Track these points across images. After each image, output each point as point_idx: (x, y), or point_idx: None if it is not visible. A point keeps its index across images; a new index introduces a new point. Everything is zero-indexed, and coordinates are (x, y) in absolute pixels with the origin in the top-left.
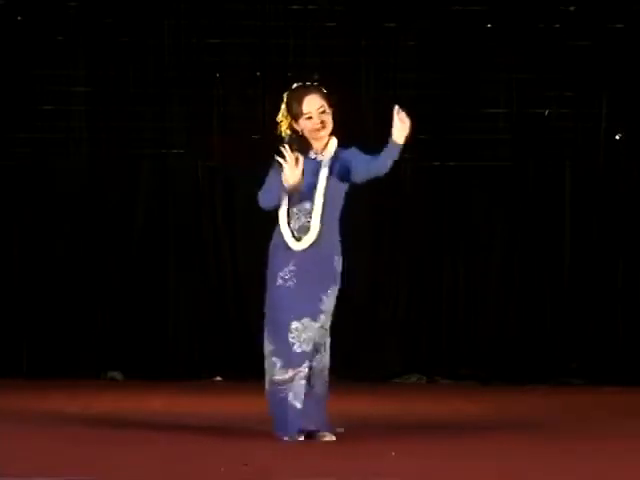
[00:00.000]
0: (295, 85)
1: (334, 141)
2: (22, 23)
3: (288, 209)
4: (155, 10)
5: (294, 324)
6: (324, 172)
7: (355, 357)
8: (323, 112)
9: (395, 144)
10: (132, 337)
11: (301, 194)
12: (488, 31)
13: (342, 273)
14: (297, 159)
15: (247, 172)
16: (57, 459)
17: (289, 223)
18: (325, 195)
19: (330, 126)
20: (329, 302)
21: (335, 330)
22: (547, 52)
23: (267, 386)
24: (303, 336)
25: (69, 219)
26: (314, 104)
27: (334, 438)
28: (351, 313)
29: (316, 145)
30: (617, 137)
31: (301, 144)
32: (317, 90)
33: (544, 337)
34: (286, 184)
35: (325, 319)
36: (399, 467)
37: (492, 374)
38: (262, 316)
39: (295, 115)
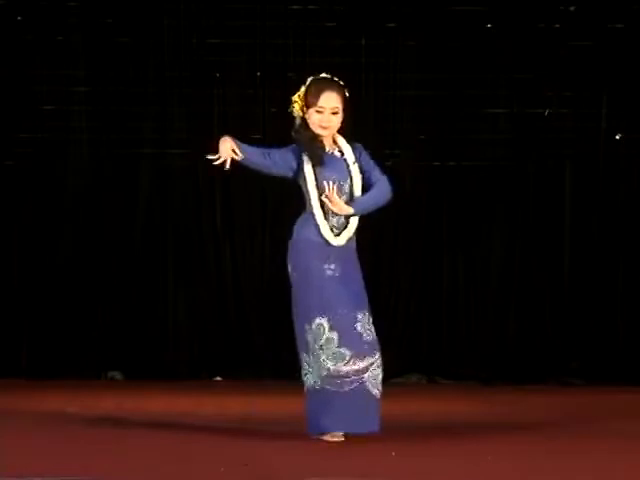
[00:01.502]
0: (323, 75)
1: (341, 138)
2: (22, 23)
3: (322, 205)
4: (155, 10)
5: (359, 314)
6: (356, 171)
7: None
8: (335, 113)
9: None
10: (132, 337)
11: (335, 187)
12: (488, 31)
13: None
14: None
15: (247, 172)
16: (57, 459)
17: (326, 217)
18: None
19: (335, 128)
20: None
21: None
22: (547, 52)
23: (323, 379)
24: (367, 326)
25: (69, 219)
26: (330, 102)
27: (342, 438)
28: None
29: (326, 140)
30: (617, 137)
31: (312, 135)
32: (339, 89)
33: (544, 337)
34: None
35: (369, 314)
36: (399, 467)
37: (492, 374)
38: (262, 316)
39: (308, 103)
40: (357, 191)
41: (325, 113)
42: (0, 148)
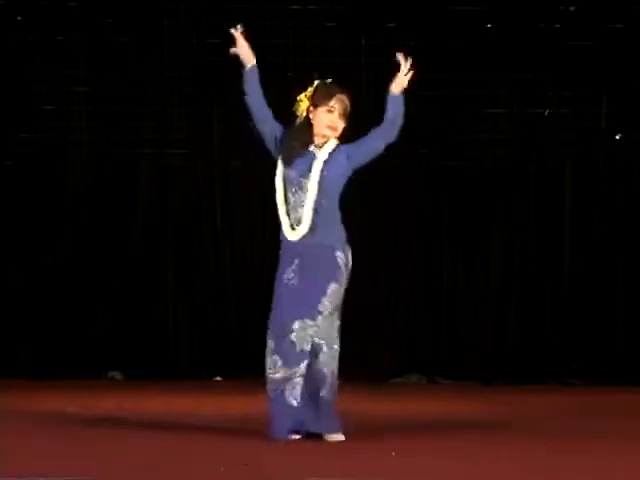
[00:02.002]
0: (330, 80)
1: (335, 141)
2: (22, 23)
3: (286, 199)
4: (155, 10)
5: (296, 324)
6: (317, 165)
7: (355, 357)
8: (342, 115)
9: (395, 97)
10: (132, 337)
11: (297, 185)
12: (488, 31)
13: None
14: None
15: (247, 172)
16: (57, 459)
17: (288, 213)
18: (319, 187)
19: (339, 131)
20: (330, 302)
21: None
22: (547, 52)
23: (268, 385)
24: (301, 334)
25: (69, 219)
26: (342, 104)
27: (342, 437)
28: (351, 313)
29: (317, 140)
30: (617, 137)
31: (306, 135)
32: (349, 96)
33: (544, 337)
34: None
35: (329, 318)
36: (399, 467)
37: (492, 374)
38: (262, 316)
39: (318, 102)
40: (311, 186)
41: (335, 114)
42: (0, 148)
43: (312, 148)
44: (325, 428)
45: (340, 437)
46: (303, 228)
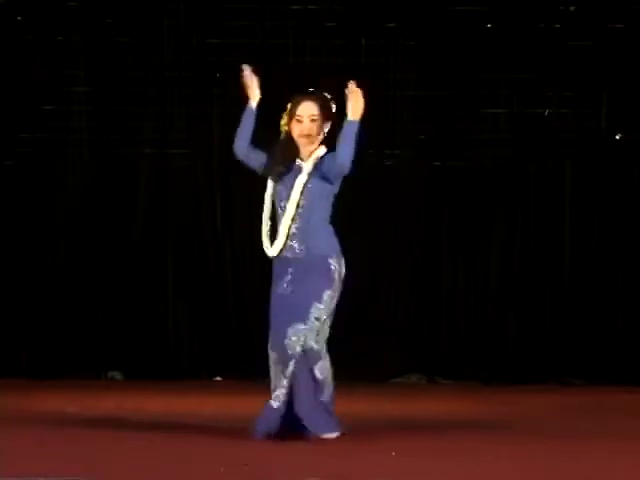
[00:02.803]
0: (310, 89)
1: (321, 149)
2: (22, 23)
3: (274, 215)
4: (155, 10)
5: (289, 330)
6: (301, 178)
7: (355, 357)
8: (313, 120)
9: (350, 122)
10: (132, 337)
11: (285, 199)
12: (488, 31)
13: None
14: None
15: (247, 172)
16: (57, 459)
17: (273, 230)
18: (304, 199)
19: (316, 136)
20: (323, 308)
21: (335, 330)
22: (547, 52)
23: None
24: (293, 338)
25: (69, 219)
26: (308, 110)
27: (333, 435)
28: (351, 313)
29: (304, 151)
30: (617, 137)
31: (289, 148)
32: (316, 98)
33: (544, 337)
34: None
35: (319, 324)
36: (399, 467)
37: (492, 374)
38: (262, 316)
39: (290, 115)
40: (291, 202)
41: (304, 122)
42: (0, 148)
43: (298, 162)
44: (330, 429)
45: (332, 435)
46: (280, 242)
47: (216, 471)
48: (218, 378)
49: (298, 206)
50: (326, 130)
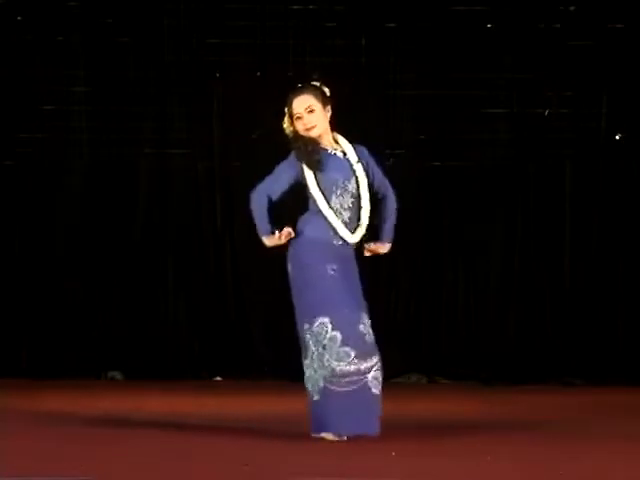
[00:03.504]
0: (299, 85)
1: (342, 138)
2: (22, 23)
3: (330, 204)
4: (155, 10)
5: (362, 315)
6: (360, 170)
7: None
8: (311, 112)
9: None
10: (132, 337)
11: (342, 188)
12: (488, 31)
13: None
14: (287, 235)
15: (247, 171)
16: (57, 459)
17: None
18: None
19: (321, 125)
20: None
21: None
22: (547, 52)
23: (326, 379)
24: (369, 330)
25: (69, 219)
26: (302, 104)
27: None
28: None
29: (324, 141)
30: (617, 137)
31: (307, 141)
32: (308, 90)
33: (544, 337)
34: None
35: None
36: (399, 467)
37: (492, 374)
38: (262, 316)
39: (290, 115)
40: (363, 190)
41: (303, 117)
42: (0, 148)
43: (330, 150)
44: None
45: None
46: (362, 230)
47: (216, 471)
48: (218, 378)
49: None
50: (328, 115)
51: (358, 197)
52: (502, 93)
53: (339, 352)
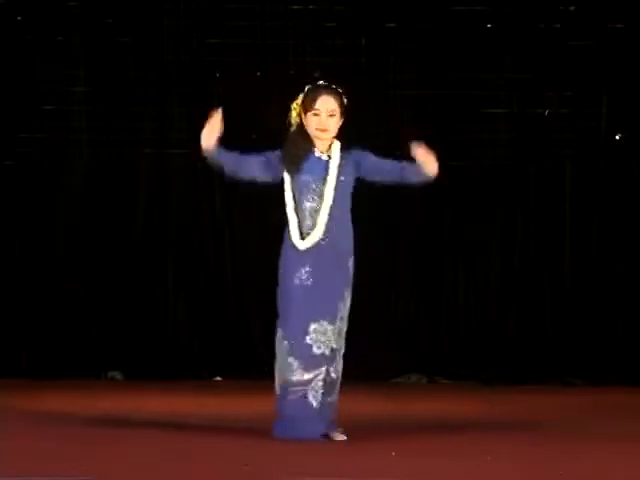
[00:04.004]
0: (321, 82)
1: (338, 143)
2: (22, 23)
3: (296, 208)
4: (155, 10)
5: (312, 325)
6: (333, 172)
7: (355, 357)
8: (331, 115)
9: (426, 175)
10: (132, 337)
11: (313, 192)
12: (488, 31)
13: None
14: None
15: None
16: (57, 459)
17: (299, 223)
18: (334, 195)
19: (333, 131)
20: (345, 306)
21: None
22: (547, 52)
23: (279, 386)
24: (322, 338)
25: (69, 219)
26: (327, 105)
27: (345, 437)
28: (351, 313)
29: (320, 145)
30: (617, 137)
31: (303, 141)
32: (336, 93)
33: (544, 337)
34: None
35: (341, 324)
36: (399, 467)
37: (492, 374)
38: (262, 316)
39: (306, 108)
40: (327, 191)
41: (322, 116)
42: (0, 148)
43: (318, 153)
44: (331, 429)
45: (344, 437)
46: (316, 235)
47: (216, 471)
48: (218, 378)
49: (333, 200)
50: (340, 124)
51: (321, 198)
52: (502, 93)
53: (286, 362)
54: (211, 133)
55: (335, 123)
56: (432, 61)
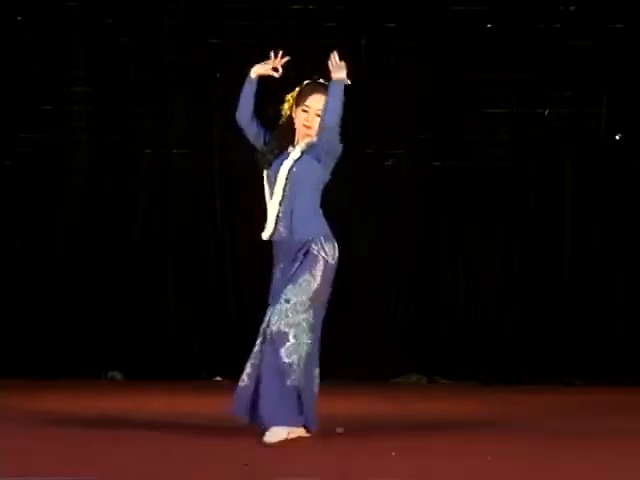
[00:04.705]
0: (321, 81)
1: (311, 139)
2: (22, 23)
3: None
4: (155, 10)
5: (270, 316)
6: (286, 163)
7: (355, 357)
8: (319, 115)
9: (337, 81)
10: (132, 337)
11: (271, 182)
12: (488, 31)
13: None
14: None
15: (247, 171)
16: (57, 459)
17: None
18: (289, 183)
19: (315, 130)
20: (302, 293)
21: (335, 330)
22: (547, 52)
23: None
24: (267, 320)
25: (69, 219)
26: (317, 104)
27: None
28: (351, 313)
29: (300, 140)
30: (617, 137)
31: (285, 137)
32: (325, 92)
33: (544, 337)
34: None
35: (289, 306)
36: (399, 467)
37: (492, 374)
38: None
39: (298, 102)
40: (279, 184)
41: (310, 113)
42: (0, 148)
43: (290, 149)
44: (276, 419)
45: (303, 433)
46: (269, 226)
47: (216, 471)
48: (218, 378)
49: (284, 190)
50: None
51: (271, 190)
52: (502, 93)
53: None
54: (261, 67)
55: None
56: (432, 61)
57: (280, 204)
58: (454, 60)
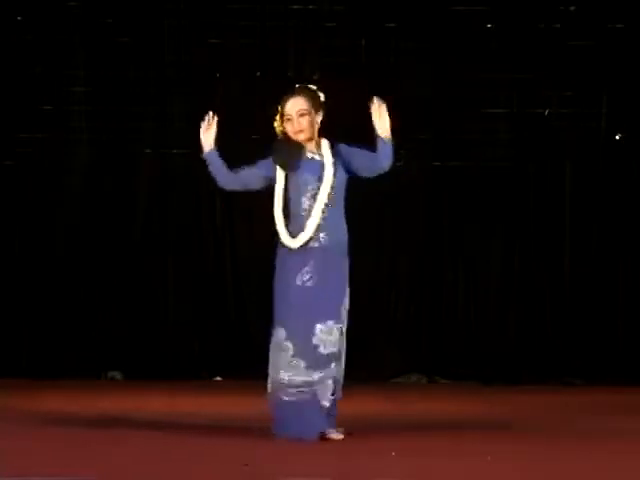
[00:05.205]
0: (297, 85)
1: (326, 142)
2: (22, 23)
3: (290, 207)
4: (155, 10)
5: (318, 326)
6: (329, 171)
7: (355, 357)
8: (302, 115)
9: (382, 140)
10: (132, 337)
11: (311, 191)
12: (488, 31)
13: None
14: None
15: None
16: (57, 459)
17: (287, 225)
18: (330, 195)
19: (308, 130)
20: (345, 306)
21: None
22: (547, 52)
23: (276, 385)
24: (329, 338)
25: (69, 219)
26: (295, 106)
27: (342, 436)
28: (351, 313)
29: (308, 146)
30: (617, 137)
31: (290, 147)
32: (302, 92)
33: (544, 337)
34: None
35: (344, 325)
36: (399, 467)
37: (492, 374)
38: (262, 316)
39: (281, 116)
40: (323, 192)
41: (294, 119)
42: (0, 148)
43: (309, 154)
44: (332, 427)
45: (341, 436)
46: (307, 234)
47: (216, 471)
48: (218, 378)
49: (328, 197)
50: (319, 120)
51: (314, 199)
52: (502, 93)
53: (290, 362)
54: (207, 137)
55: (308, 121)
56: (432, 61)
57: (323, 211)
58: (454, 60)
